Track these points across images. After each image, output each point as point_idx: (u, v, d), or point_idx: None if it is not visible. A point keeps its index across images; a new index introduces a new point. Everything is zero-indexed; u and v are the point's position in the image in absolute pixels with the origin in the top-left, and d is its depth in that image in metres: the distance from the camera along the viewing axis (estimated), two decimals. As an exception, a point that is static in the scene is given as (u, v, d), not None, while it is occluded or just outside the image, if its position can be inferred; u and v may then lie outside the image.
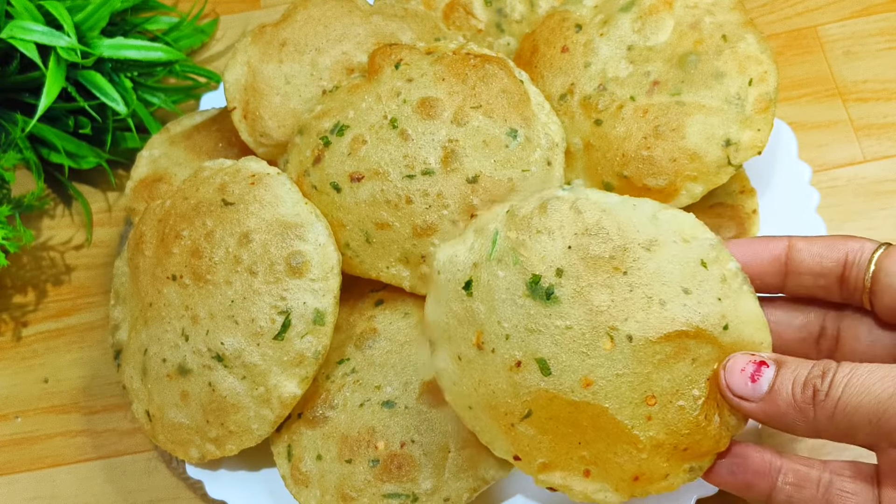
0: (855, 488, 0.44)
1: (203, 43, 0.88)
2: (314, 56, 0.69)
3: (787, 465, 0.45)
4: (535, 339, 0.46)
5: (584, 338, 0.45)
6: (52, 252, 0.80)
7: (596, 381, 0.45)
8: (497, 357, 0.47)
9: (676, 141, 0.62)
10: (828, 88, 0.79)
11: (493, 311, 0.47)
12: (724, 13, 0.65)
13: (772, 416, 0.43)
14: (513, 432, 0.48)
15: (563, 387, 0.46)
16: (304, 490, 0.59)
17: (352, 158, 0.62)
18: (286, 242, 0.59)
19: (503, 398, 0.47)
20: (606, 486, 0.47)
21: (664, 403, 0.45)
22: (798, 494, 0.45)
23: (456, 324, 0.49)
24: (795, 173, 0.69)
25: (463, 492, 0.57)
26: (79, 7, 0.74)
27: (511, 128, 0.61)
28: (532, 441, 0.47)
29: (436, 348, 0.50)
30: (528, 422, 0.47)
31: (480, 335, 0.47)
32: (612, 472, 0.47)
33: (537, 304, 0.46)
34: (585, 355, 0.45)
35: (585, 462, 0.47)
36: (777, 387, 0.43)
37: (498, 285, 0.47)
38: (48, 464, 0.71)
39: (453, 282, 0.49)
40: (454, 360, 0.49)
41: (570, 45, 0.67)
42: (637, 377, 0.45)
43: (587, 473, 0.47)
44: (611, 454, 0.46)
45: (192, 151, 0.73)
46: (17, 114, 0.76)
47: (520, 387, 0.46)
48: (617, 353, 0.45)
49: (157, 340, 0.61)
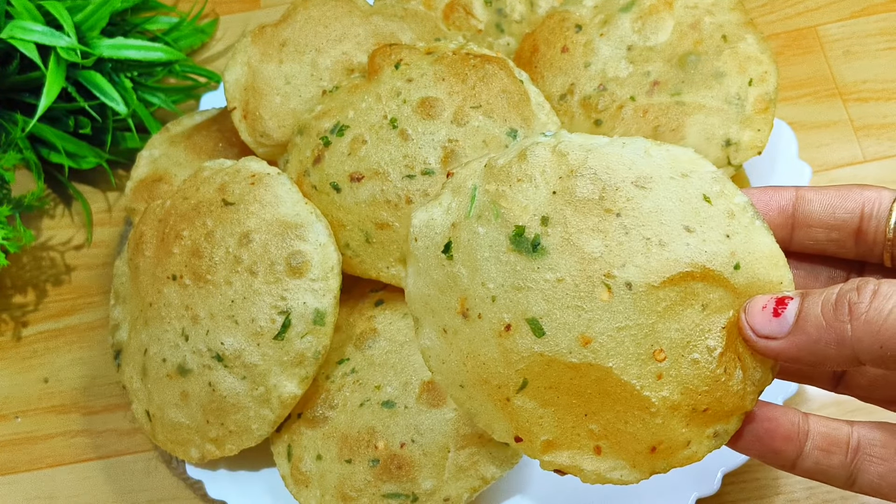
0: (885, 453, 0.40)
1: (203, 43, 0.88)
2: (314, 56, 0.69)
3: (815, 428, 0.41)
4: (524, 298, 0.41)
5: (577, 290, 0.40)
6: (52, 252, 0.80)
7: (595, 338, 0.40)
8: (484, 323, 0.41)
9: (676, 141, 0.62)
10: (828, 88, 0.79)
11: (476, 272, 0.42)
12: (724, 13, 0.65)
13: (801, 347, 0.38)
14: (510, 408, 0.42)
15: (560, 348, 0.40)
16: (304, 490, 0.59)
17: (352, 158, 0.62)
18: (286, 242, 0.59)
19: (495, 369, 0.41)
20: (622, 463, 0.41)
21: (675, 358, 0.40)
22: (826, 461, 0.40)
23: (438, 293, 0.43)
24: (795, 173, 0.69)
25: (463, 492, 0.57)
26: (79, 7, 0.74)
27: (511, 128, 0.61)
28: (532, 416, 0.42)
29: (420, 325, 0.44)
30: (526, 394, 0.41)
31: (464, 301, 0.42)
32: (626, 446, 0.41)
33: (523, 258, 0.41)
34: (581, 309, 0.40)
35: (595, 437, 0.41)
36: (805, 311, 0.38)
37: (479, 243, 0.42)
38: (48, 464, 0.71)
39: (432, 247, 0.44)
40: (439, 334, 0.43)
41: (570, 45, 0.67)
42: (641, 329, 0.40)
43: (598, 450, 0.41)
44: (622, 424, 0.40)
45: (192, 151, 0.73)
46: (17, 114, 0.76)
47: (511, 353, 0.41)
48: (616, 303, 0.40)
49: (157, 340, 0.61)
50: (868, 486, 0.41)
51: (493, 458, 0.57)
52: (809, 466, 0.41)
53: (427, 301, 0.44)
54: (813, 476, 0.41)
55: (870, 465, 0.40)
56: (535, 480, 0.62)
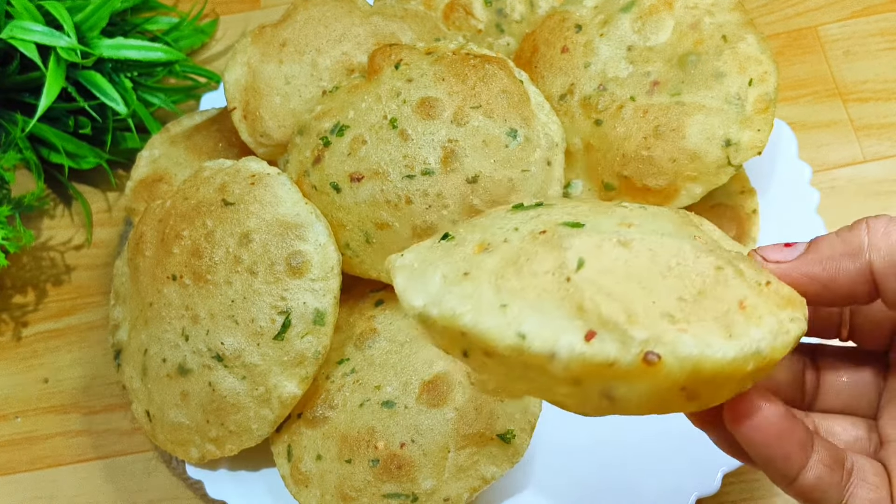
0: (877, 481, 0.40)
1: (203, 43, 0.88)
2: (314, 56, 0.69)
3: (819, 442, 0.40)
4: (549, 216, 0.37)
5: (598, 208, 0.38)
6: (52, 252, 0.80)
7: (634, 223, 0.36)
8: (514, 241, 0.36)
9: (676, 141, 0.62)
10: (828, 88, 0.79)
11: (486, 227, 0.38)
12: (724, 13, 0.65)
13: (815, 261, 0.38)
14: (572, 290, 0.34)
15: (604, 229, 0.35)
16: (304, 490, 0.59)
17: (352, 158, 0.62)
18: (286, 242, 0.59)
19: (544, 259, 0.34)
20: (715, 336, 0.33)
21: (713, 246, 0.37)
22: (828, 477, 0.40)
23: (445, 259, 0.37)
24: (795, 173, 0.69)
25: (463, 492, 0.57)
26: (79, 7, 0.74)
27: (511, 128, 0.61)
28: (599, 294, 0.33)
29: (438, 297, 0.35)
30: (584, 272, 0.34)
31: (482, 242, 0.36)
32: (712, 314, 0.34)
33: (531, 209, 0.38)
34: (607, 214, 0.37)
35: (673, 321, 0.33)
36: (818, 238, 0.39)
37: (481, 218, 0.39)
38: (48, 464, 0.71)
39: (424, 248, 0.39)
40: (459, 282, 0.35)
41: (570, 45, 0.67)
42: (673, 225, 0.37)
43: (683, 332, 0.33)
44: (698, 295, 0.34)
45: (192, 151, 0.73)
46: (17, 114, 0.76)
47: (557, 240, 0.35)
48: (638, 210, 0.38)
49: (157, 340, 0.62)
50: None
51: (493, 458, 0.57)
52: (810, 479, 0.40)
53: (431, 272, 0.36)
54: (809, 493, 0.40)
55: (863, 490, 0.40)
56: (536, 480, 0.62)
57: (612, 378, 0.33)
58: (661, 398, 0.34)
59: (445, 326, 0.34)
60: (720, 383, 0.34)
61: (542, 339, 0.32)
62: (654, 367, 0.32)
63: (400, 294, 0.36)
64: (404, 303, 0.36)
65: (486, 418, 0.57)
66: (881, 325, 0.43)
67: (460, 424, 0.57)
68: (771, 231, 0.67)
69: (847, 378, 0.45)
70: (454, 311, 0.34)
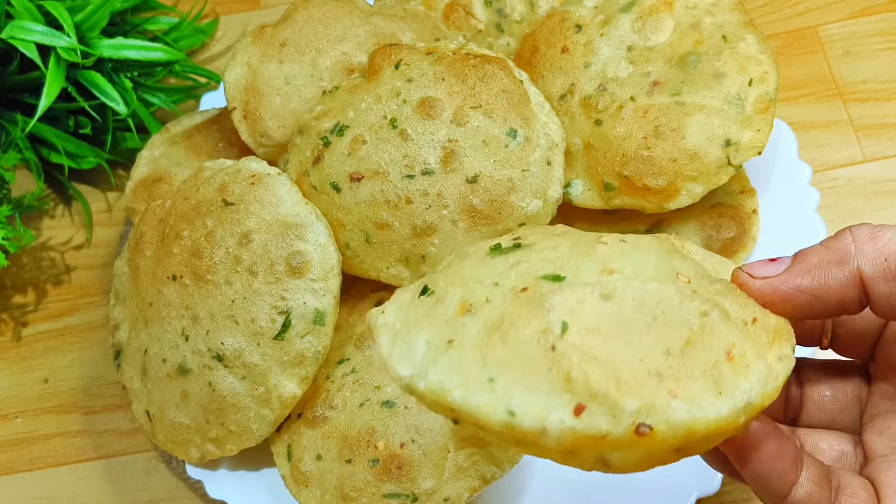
0: (866, 498, 0.40)
1: (203, 43, 0.88)
2: (314, 56, 0.69)
3: (808, 459, 0.40)
4: (529, 266, 0.36)
5: (578, 247, 0.37)
6: (52, 252, 0.80)
7: (617, 269, 0.36)
8: (495, 303, 0.35)
9: (676, 141, 0.62)
10: (828, 88, 0.79)
11: (465, 282, 0.37)
12: (724, 13, 0.65)
13: (803, 273, 0.38)
14: (559, 359, 0.33)
15: (587, 281, 0.35)
16: (304, 490, 0.59)
17: (351, 158, 0.62)
18: (286, 242, 0.59)
19: (527, 323, 0.34)
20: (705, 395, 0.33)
21: (698, 281, 0.37)
22: (818, 494, 0.40)
23: (428, 322, 0.36)
24: (795, 173, 0.69)
25: (463, 492, 0.57)
26: (79, 7, 0.74)
27: (511, 128, 0.61)
28: (586, 361, 0.33)
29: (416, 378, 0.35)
30: (568, 337, 0.34)
31: (463, 304, 0.36)
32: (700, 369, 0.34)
33: (511, 253, 0.38)
34: (588, 257, 0.37)
35: (661, 380, 0.33)
36: (803, 251, 0.39)
37: (459, 266, 0.39)
38: (48, 464, 0.71)
39: (404, 304, 0.38)
40: (443, 352, 0.35)
41: (570, 45, 0.67)
42: (657, 260, 0.37)
43: (673, 394, 0.33)
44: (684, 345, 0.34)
45: (192, 151, 0.73)
46: (17, 114, 0.76)
47: (540, 300, 0.35)
48: (618, 248, 0.37)
49: (157, 340, 0.62)
50: None
51: (493, 458, 0.57)
52: (802, 497, 0.40)
53: (415, 342, 0.36)
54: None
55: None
56: (536, 481, 0.62)
57: (605, 448, 0.33)
58: (656, 459, 0.34)
59: (434, 400, 0.34)
60: (713, 438, 0.34)
61: (532, 416, 0.32)
62: (647, 438, 0.32)
63: (385, 360, 0.36)
64: (390, 371, 0.36)
65: (486, 418, 0.57)
66: (863, 336, 0.43)
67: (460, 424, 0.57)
68: (771, 231, 0.67)
69: (830, 392, 0.44)
70: (441, 387, 0.34)
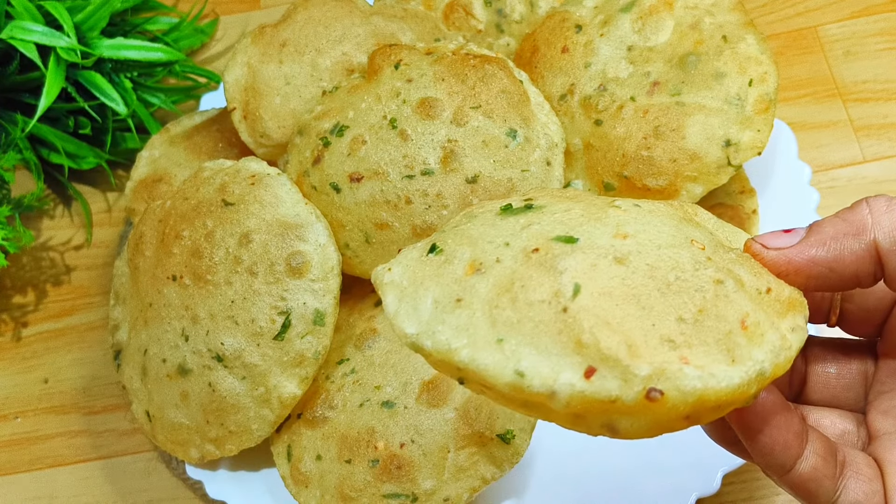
0: (871, 473, 0.40)
1: (203, 43, 0.88)
2: (314, 57, 0.69)
3: (813, 434, 0.40)
4: (540, 228, 0.36)
5: (591, 211, 0.36)
6: (52, 252, 0.80)
7: (630, 234, 0.35)
8: (506, 261, 0.34)
9: (676, 141, 0.62)
10: (828, 88, 0.79)
11: (475, 242, 0.36)
12: (724, 14, 0.65)
13: (818, 244, 0.37)
14: (570, 321, 0.33)
15: (600, 244, 0.35)
16: (304, 490, 0.59)
17: (351, 159, 0.62)
18: (286, 243, 0.59)
19: (538, 284, 0.33)
20: (718, 363, 0.33)
21: (713, 249, 0.36)
22: (823, 468, 0.40)
23: (436, 281, 0.36)
24: (795, 173, 0.69)
25: (463, 492, 0.57)
26: (79, 7, 0.74)
27: (510, 128, 0.61)
28: (598, 324, 0.32)
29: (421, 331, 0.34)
30: (581, 299, 0.33)
31: (473, 263, 0.35)
32: (714, 337, 0.34)
33: (522, 214, 0.37)
34: (601, 221, 0.36)
35: (674, 346, 0.33)
36: (819, 222, 0.38)
37: (468, 226, 0.37)
38: (48, 464, 0.71)
39: (412, 261, 0.37)
40: (451, 310, 0.34)
41: (570, 45, 0.67)
42: (671, 225, 0.37)
43: (685, 360, 0.32)
44: (698, 314, 0.34)
45: (192, 152, 0.73)
46: (17, 114, 0.76)
47: (551, 261, 0.34)
48: (633, 212, 0.37)
49: (156, 341, 0.62)
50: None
51: (493, 459, 0.57)
52: (807, 471, 0.40)
53: (422, 300, 0.35)
54: (804, 484, 0.40)
55: (857, 482, 0.40)
56: (536, 481, 0.62)
57: (614, 412, 0.32)
58: (664, 426, 0.34)
59: (440, 359, 0.33)
60: (724, 407, 0.34)
61: (542, 378, 0.32)
62: (657, 403, 0.32)
63: (391, 318, 0.36)
64: (396, 329, 0.35)
65: (486, 418, 0.57)
66: (872, 313, 0.43)
67: (460, 424, 0.57)
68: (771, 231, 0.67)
69: (835, 369, 0.44)
70: (449, 346, 0.33)
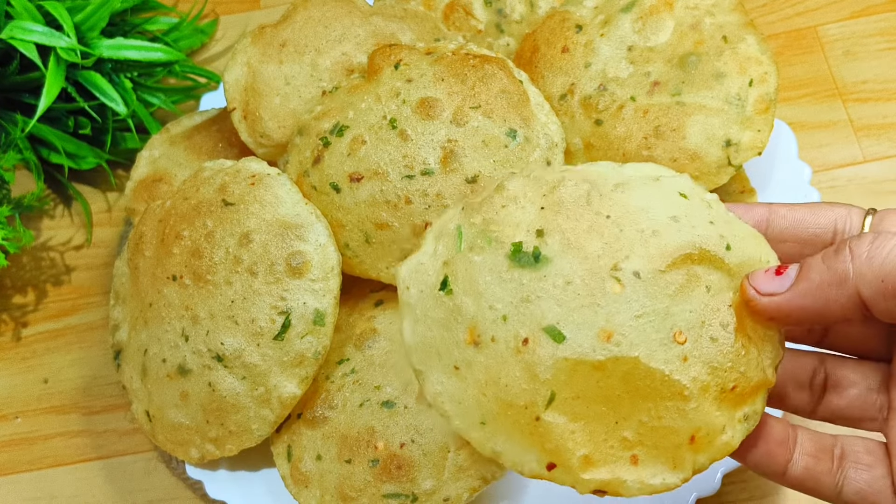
0: (870, 460, 0.42)
1: (203, 43, 0.88)
2: (314, 57, 0.69)
3: (803, 435, 0.43)
4: (536, 308, 0.41)
5: (588, 288, 0.41)
6: (52, 252, 0.80)
7: (616, 331, 0.40)
8: (499, 344, 0.41)
9: (677, 141, 0.62)
10: (828, 88, 0.79)
11: (480, 297, 0.42)
12: (725, 14, 0.65)
13: (805, 293, 0.39)
14: (540, 429, 0.40)
15: (584, 348, 0.40)
16: (304, 490, 0.59)
17: (351, 159, 0.62)
18: (286, 243, 0.59)
19: (519, 388, 0.41)
20: (662, 467, 0.41)
21: (695, 338, 0.40)
22: (816, 467, 0.42)
23: (441, 332, 0.43)
24: (795, 173, 0.69)
25: (463, 492, 0.57)
26: (79, 7, 0.74)
27: (510, 128, 0.62)
28: (564, 434, 0.40)
29: (425, 376, 0.43)
30: (555, 408, 0.40)
31: (473, 330, 0.42)
32: (664, 444, 0.40)
33: (527, 272, 0.41)
34: (596, 306, 0.40)
35: (629, 445, 0.40)
36: (807, 264, 0.40)
37: (478, 270, 0.42)
38: (48, 464, 0.71)
39: (427, 289, 0.44)
40: (450, 374, 0.42)
41: (570, 45, 0.67)
42: (657, 315, 0.40)
43: (635, 460, 0.40)
44: (656, 420, 0.40)
45: (192, 152, 0.73)
46: (17, 114, 0.76)
47: (534, 366, 0.40)
48: (629, 293, 0.41)
49: (157, 340, 0.62)
50: (855, 494, 0.42)
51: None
52: (799, 472, 0.42)
53: (430, 345, 0.43)
54: (802, 483, 0.42)
55: (856, 472, 0.41)
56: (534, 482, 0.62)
57: (573, 486, 0.41)
58: None
59: (434, 406, 0.43)
60: None
61: (512, 462, 0.41)
62: (604, 496, 0.41)
63: (404, 340, 0.44)
64: (407, 353, 0.44)
65: (486, 418, 0.57)
66: None
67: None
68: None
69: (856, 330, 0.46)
70: (444, 409, 0.42)
